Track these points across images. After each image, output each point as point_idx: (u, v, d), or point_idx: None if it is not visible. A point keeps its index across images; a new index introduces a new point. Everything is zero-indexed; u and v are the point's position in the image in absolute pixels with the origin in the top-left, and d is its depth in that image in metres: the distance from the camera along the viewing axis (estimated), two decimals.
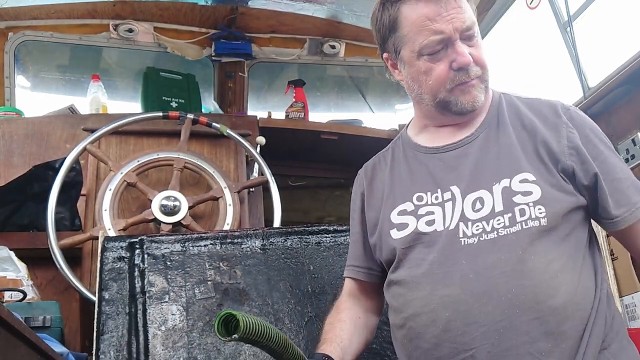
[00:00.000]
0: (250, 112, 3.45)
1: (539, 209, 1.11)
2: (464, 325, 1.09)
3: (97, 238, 2.09)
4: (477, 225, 1.14)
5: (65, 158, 2.29)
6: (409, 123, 1.40)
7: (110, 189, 2.28)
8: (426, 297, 1.14)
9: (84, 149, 2.31)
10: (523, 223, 1.11)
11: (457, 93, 1.21)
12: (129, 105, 3.58)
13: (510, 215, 1.12)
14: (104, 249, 1.62)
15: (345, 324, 1.29)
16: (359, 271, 1.36)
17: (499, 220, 1.13)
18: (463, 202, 1.17)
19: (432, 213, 1.19)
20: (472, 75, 1.20)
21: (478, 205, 1.15)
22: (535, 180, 1.14)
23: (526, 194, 1.13)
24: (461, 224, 1.15)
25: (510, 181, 1.15)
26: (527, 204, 1.12)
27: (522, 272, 1.08)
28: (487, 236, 1.13)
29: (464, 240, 1.14)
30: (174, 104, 3.03)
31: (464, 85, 1.20)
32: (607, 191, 1.16)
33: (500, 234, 1.12)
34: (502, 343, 1.06)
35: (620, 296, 1.90)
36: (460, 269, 1.12)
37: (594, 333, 1.07)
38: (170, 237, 1.68)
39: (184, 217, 2.27)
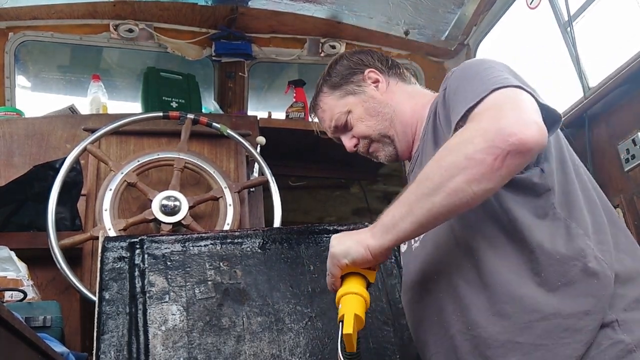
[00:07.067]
0: (250, 112, 3.45)
1: None
2: (417, 326, 1.21)
3: (97, 238, 2.09)
4: None
5: (65, 158, 2.29)
6: None
7: (110, 189, 2.28)
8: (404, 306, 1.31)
9: (85, 149, 2.31)
10: None
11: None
12: (129, 106, 3.58)
13: None
14: (104, 249, 1.62)
15: None
16: None
17: None
18: None
19: None
20: (362, 150, 1.45)
21: None
22: None
23: None
24: None
25: None
26: None
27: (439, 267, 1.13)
28: (423, 237, 1.18)
29: (414, 247, 1.22)
30: (174, 104, 3.02)
31: (369, 156, 1.47)
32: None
33: (427, 235, 1.15)
34: (444, 337, 1.11)
35: None
36: (409, 277, 1.22)
37: None
38: (171, 237, 1.68)
39: (184, 217, 2.26)
